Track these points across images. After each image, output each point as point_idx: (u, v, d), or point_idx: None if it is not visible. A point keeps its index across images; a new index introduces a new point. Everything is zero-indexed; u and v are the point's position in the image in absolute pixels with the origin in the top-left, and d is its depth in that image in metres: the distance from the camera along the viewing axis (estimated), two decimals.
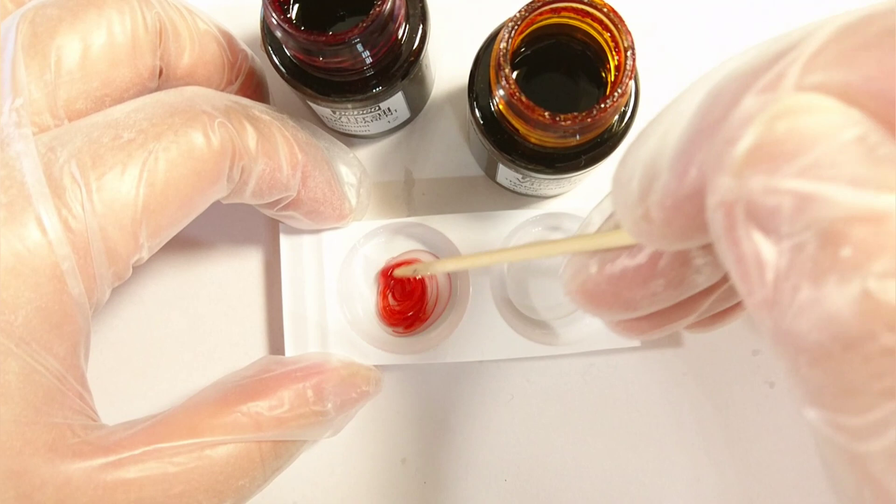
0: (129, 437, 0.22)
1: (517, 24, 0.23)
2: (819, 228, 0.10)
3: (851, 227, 0.10)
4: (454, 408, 0.33)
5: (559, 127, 0.23)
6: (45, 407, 0.20)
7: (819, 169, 0.10)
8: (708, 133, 0.13)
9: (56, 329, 0.20)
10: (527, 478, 0.32)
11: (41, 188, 0.20)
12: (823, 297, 0.10)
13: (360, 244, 0.32)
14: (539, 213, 0.31)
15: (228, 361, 0.33)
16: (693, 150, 0.13)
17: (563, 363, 0.33)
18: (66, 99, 0.22)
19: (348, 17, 0.28)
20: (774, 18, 0.34)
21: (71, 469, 0.20)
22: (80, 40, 0.22)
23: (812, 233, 0.10)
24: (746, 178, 0.11)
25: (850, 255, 0.10)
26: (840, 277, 0.10)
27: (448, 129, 0.34)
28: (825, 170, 0.10)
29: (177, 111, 0.23)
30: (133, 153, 0.21)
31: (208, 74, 0.26)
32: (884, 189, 0.10)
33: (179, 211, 0.23)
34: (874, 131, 0.11)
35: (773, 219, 0.11)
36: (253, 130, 0.24)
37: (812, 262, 0.10)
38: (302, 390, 0.26)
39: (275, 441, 0.25)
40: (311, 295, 0.31)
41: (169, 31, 0.24)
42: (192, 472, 0.22)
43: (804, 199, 0.10)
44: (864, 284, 0.10)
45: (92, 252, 0.21)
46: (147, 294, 0.34)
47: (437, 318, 0.32)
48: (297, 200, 0.27)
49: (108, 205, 0.21)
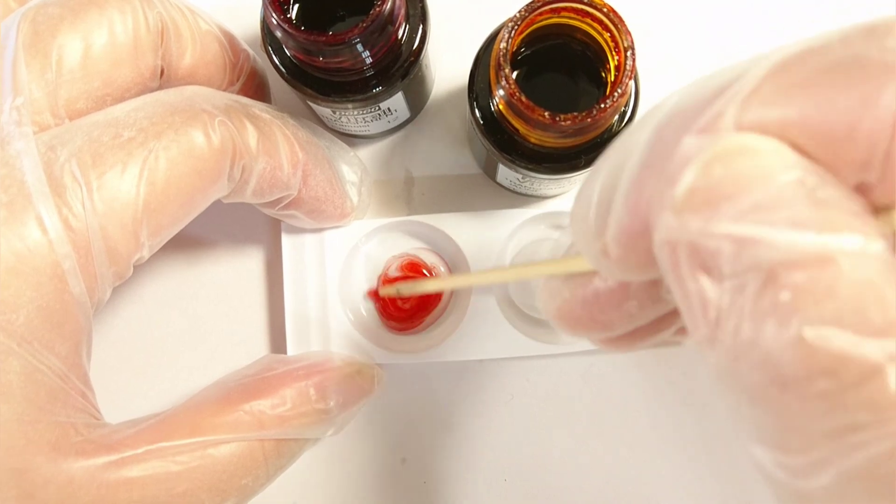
0: (131, 435, 0.22)
1: (517, 25, 0.23)
2: (759, 271, 0.11)
3: (790, 271, 0.10)
4: (454, 407, 0.33)
5: (559, 127, 0.23)
6: (47, 406, 0.20)
7: (757, 212, 0.11)
8: (654, 170, 0.13)
9: (58, 328, 0.20)
10: (527, 478, 0.32)
11: (42, 187, 0.20)
12: (762, 339, 0.11)
13: (361, 243, 0.32)
14: (541, 211, 0.31)
15: (230, 360, 0.33)
16: (642, 186, 0.13)
17: (563, 363, 0.33)
18: (66, 98, 0.22)
19: (348, 17, 0.28)
20: (774, 18, 0.34)
21: (74, 468, 0.20)
22: (81, 39, 0.22)
23: (752, 275, 0.11)
24: (686, 220, 0.11)
25: (788, 299, 0.10)
26: (778, 321, 0.10)
27: (448, 129, 0.34)
28: (763, 213, 0.11)
29: (177, 110, 0.22)
30: (133, 152, 0.21)
31: (210, 74, 0.26)
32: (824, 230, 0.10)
33: (180, 210, 0.23)
34: (812, 173, 0.11)
35: (714, 259, 0.11)
36: (253, 129, 0.24)
37: (751, 303, 0.11)
38: (304, 388, 0.26)
39: (277, 440, 0.25)
40: (313, 294, 0.31)
41: (171, 30, 0.24)
42: (194, 470, 0.22)
43: (742, 242, 0.11)
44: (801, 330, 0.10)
45: (93, 251, 0.21)
46: (148, 293, 0.34)
47: (438, 317, 0.32)
48: (298, 199, 0.27)
49: (109, 203, 0.21)
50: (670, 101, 0.13)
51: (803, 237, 0.10)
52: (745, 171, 0.11)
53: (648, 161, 0.13)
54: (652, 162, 0.13)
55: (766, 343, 0.10)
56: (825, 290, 0.10)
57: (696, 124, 0.12)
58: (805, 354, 0.10)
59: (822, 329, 0.10)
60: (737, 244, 0.11)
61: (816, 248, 0.10)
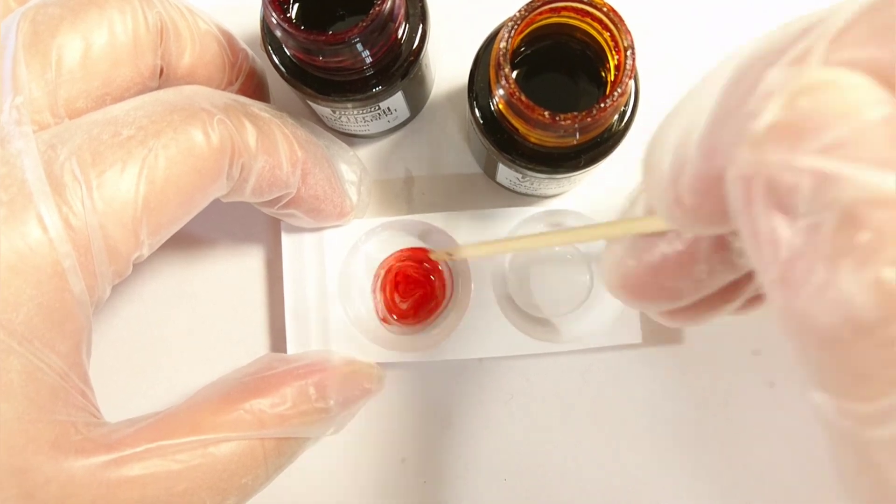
0: (131, 434, 0.22)
1: (517, 24, 0.23)
2: (837, 209, 0.10)
3: (871, 211, 0.10)
4: (454, 407, 0.33)
5: (559, 126, 0.23)
6: (48, 404, 0.20)
7: (841, 148, 0.10)
8: (734, 109, 0.12)
9: (58, 326, 0.20)
10: (527, 477, 0.32)
11: (42, 186, 0.20)
12: (837, 280, 0.10)
13: (361, 242, 0.32)
14: (542, 209, 0.31)
15: (230, 359, 0.33)
16: (720, 129, 0.13)
17: (564, 362, 0.33)
18: (66, 98, 0.22)
19: (348, 17, 0.28)
20: (774, 18, 0.34)
21: (74, 466, 0.20)
22: (81, 39, 0.22)
23: (830, 213, 0.10)
24: (766, 152, 0.11)
25: (868, 239, 0.10)
26: (856, 262, 0.10)
27: (448, 129, 0.34)
28: (848, 149, 0.10)
29: (176, 108, 0.23)
30: (133, 150, 0.21)
31: (209, 74, 0.26)
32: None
33: (180, 208, 0.23)
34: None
35: (791, 196, 0.11)
36: (252, 128, 0.24)
37: (828, 243, 0.10)
38: (304, 387, 0.26)
39: (278, 438, 0.25)
40: (313, 293, 0.31)
41: (170, 30, 0.25)
42: (194, 469, 0.22)
43: (824, 178, 0.10)
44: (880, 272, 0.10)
45: (92, 249, 0.21)
46: (148, 292, 0.34)
47: (438, 316, 0.32)
48: (297, 198, 0.27)
49: (109, 202, 0.21)
50: (750, 44, 0.13)
51: (888, 177, 0.10)
52: (832, 105, 0.10)
53: (727, 101, 0.13)
54: (731, 101, 0.12)
55: (841, 285, 0.10)
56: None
57: (783, 60, 0.12)
58: (883, 297, 0.10)
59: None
60: (817, 179, 0.10)
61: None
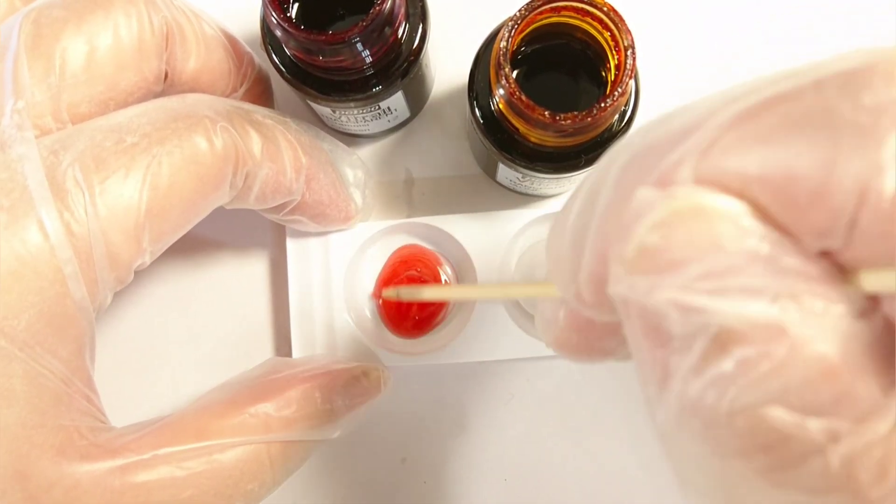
0: (137, 439, 0.22)
1: (517, 24, 0.23)
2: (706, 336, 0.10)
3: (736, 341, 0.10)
4: (454, 408, 0.33)
5: (559, 126, 0.23)
6: (51, 410, 0.20)
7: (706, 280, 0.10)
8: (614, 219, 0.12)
9: (60, 332, 0.20)
10: (527, 478, 0.32)
11: (43, 191, 0.20)
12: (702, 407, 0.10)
13: (366, 245, 0.32)
14: (546, 212, 0.31)
15: (235, 364, 0.33)
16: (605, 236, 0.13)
17: (564, 363, 0.33)
18: (69, 102, 0.22)
19: (348, 17, 0.28)
20: (774, 18, 0.34)
21: (79, 472, 0.20)
22: (85, 43, 0.22)
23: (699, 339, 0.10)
24: (634, 277, 0.11)
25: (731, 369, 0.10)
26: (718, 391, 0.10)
27: (448, 129, 0.34)
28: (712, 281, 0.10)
29: (180, 116, 0.22)
30: (136, 157, 0.21)
31: (214, 80, 0.26)
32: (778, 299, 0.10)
33: (182, 216, 0.23)
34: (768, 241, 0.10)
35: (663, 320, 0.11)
36: (256, 135, 0.24)
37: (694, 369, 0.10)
38: (309, 391, 0.26)
39: (284, 443, 0.25)
40: (318, 296, 0.31)
41: (176, 35, 0.24)
42: (200, 476, 0.22)
43: (689, 310, 0.10)
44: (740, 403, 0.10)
45: (94, 256, 0.20)
46: (153, 297, 0.34)
47: (443, 319, 0.32)
48: (302, 204, 0.27)
49: (111, 209, 0.20)
50: (634, 138, 0.13)
51: (753, 306, 0.10)
52: (696, 237, 0.10)
53: (611, 207, 0.13)
54: (614, 208, 0.12)
55: (706, 412, 0.10)
56: (770, 363, 0.09)
57: (654, 173, 0.12)
58: (743, 429, 0.10)
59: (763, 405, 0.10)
60: (682, 311, 0.10)
61: (766, 318, 0.10)
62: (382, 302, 0.32)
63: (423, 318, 0.32)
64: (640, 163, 0.12)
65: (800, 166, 0.10)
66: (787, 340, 0.09)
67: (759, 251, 0.10)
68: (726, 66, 0.34)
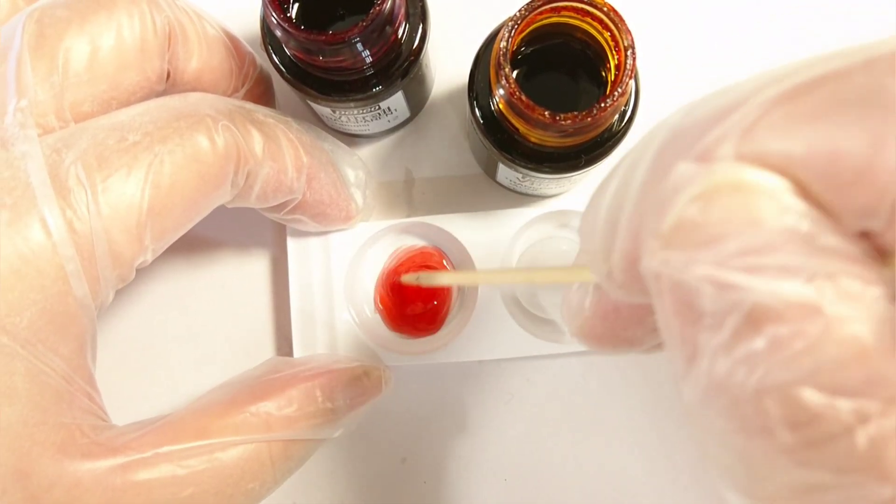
0: (138, 438, 0.22)
1: (517, 24, 0.23)
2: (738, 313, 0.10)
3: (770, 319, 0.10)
4: (454, 408, 0.33)
5: (559, 126, 0.23)
6: (53, 408, 0.20)
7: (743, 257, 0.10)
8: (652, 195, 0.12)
9: (61, 330, 0.20)
10: (527, 478, 0.32)
11: (46, 189, 0.20)
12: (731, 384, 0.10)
13: (367, 245, 0.32)
14: (547, 210, 0.31)
15: (236, 363, 0.33)
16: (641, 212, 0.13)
17: (564, 363, 0.33)
18: (72, 101, 0.22)
19: (348, 17, 0.28)
20: (774, 18, 0.34)
21: (80, 470, 0.20)
22: (88, 42, 0.22)
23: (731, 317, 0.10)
24: (670, 252, 0.11)
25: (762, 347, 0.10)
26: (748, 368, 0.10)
27: (448, 129, 0.34)
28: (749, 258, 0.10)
29: (182, 115, 0.22)
30: (138, 156, 0.21)
31: (216, 79, 0.26)
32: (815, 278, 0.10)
33: (184, 214, 0.23)
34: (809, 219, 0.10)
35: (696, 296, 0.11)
36: (258, 134, 0.24)
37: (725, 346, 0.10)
38: (310, 390, 0.26)
39: (285, 442, 0.25)
40: (319, 296, 0.31)
41: (178, 34, 0.24)
42: (201, 474, 0.22)
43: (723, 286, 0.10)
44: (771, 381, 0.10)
45: (96, 254, 0.21)
46: (154, 296, 0.34)
47: (444, 318, 0.32)
48: (303, 203, 0.27)
49: (114, 207, 0.21)
50: (674, 117, 0.13)
51: (788, 285, 0.10)
52: (735, 212, 0.10)
53: (648, 184, 0.12)
54: (650, 185, 0.12)
55: (734, 389, 0.10)
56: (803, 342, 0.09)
57: (694, 150, 0.11)
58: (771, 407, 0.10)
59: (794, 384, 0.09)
60: (717, 287, 0.10)
61: (802, 297, 0.10)
62: (383, 301, 0.32)
63: (424, 318, 0.32)
64: (679, 141, 0.12)
65: (846, 144, 0.10)
66: (821, 320, 0.09)
67: (798, 229, 0.10)
68: (726, 66, 0.34)
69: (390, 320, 0.32)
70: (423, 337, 0.32)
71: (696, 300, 0.11)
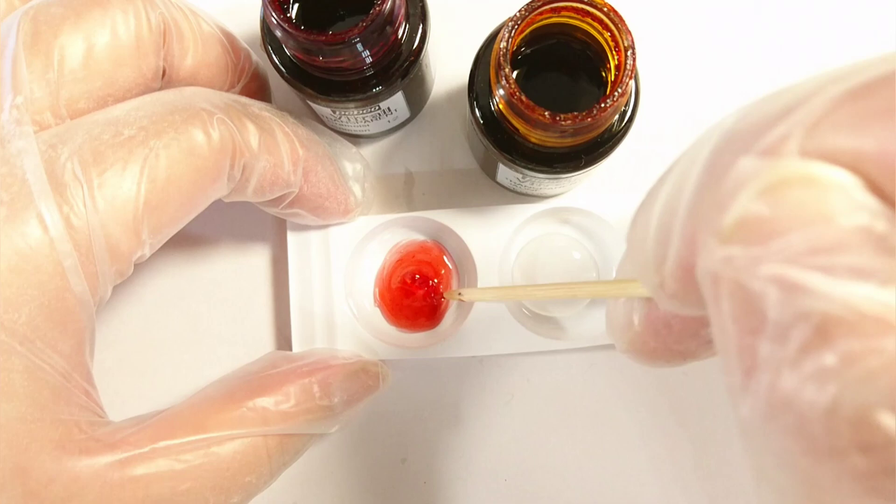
0: (136, 433, 0.22)
1: (517, 24, 0.23)
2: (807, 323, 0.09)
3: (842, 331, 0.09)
4: (454, 407, 0.33)
5: (559, 126, 0.23)
6: (51, 404, 0.20)
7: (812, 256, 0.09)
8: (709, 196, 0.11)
9: (60, 326, 0.20)
10: (527, 478, 0.32)
11: (42, 185, 0.20)
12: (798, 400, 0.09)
13: (367, 239, 0.32)
14: (547, 206, 0.31)
15: (234, 357, 0.33)
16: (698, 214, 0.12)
17: (564, 362, 0.33)
18: (68, 98, 0.22)
19: (348, 17, 0.28)
20: (774, 19, 0.34)
21: (78, 466, 0.20)
22: (83, 40, 0.22)
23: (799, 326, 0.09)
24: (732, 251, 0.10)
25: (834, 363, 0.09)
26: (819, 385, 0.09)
27: (448, 129, 0.34)
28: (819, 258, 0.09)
29: (177, 109, 0.23)
30: (134, 150, 0.21)
31: (211, 76, 0.26)
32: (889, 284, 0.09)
33: (181, 208, 0.23)
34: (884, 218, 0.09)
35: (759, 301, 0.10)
36: (253, 127, 0.25)
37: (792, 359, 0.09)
38: (307, 385, 0.26)
39: (281, 436, 0.25)
40: (319, 291, 0.31)
41: (173, 31, 0.24)
42: (199, 468, 0.22)
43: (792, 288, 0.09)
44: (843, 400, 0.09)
45: (94, 249, 0.21)
46: (153, 291, 0.34)
47: (443, 313, 0.32)
48: (300, 197, 0.27)
49: (110, 201, 0.21)
50: (728, 120, 0.12)
51: (863, 290, 0.09)
52: (804, 206, 0.09)
53: (704, 185, 0.12)
54: (706, 188, 0.12)
55: (802, 406, 0.09)
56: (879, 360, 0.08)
57: (755, 148, 0.11)
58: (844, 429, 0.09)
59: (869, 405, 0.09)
60: (785, 290, 0.09)
61: (877, 307, 0.09)
62: (382, 295, 0.32)
63: (424, 312, 0.32)
64: (737, 142, 0.11)
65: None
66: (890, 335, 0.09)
67: (872, 228, 0.09)
68: (726, 67, 0.34)
69: (390, 314, 0.32)
70: (422, 331, 0.32)
71: (758, 306, 0.10)
